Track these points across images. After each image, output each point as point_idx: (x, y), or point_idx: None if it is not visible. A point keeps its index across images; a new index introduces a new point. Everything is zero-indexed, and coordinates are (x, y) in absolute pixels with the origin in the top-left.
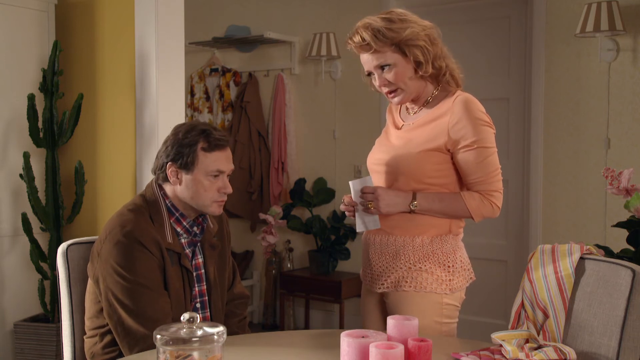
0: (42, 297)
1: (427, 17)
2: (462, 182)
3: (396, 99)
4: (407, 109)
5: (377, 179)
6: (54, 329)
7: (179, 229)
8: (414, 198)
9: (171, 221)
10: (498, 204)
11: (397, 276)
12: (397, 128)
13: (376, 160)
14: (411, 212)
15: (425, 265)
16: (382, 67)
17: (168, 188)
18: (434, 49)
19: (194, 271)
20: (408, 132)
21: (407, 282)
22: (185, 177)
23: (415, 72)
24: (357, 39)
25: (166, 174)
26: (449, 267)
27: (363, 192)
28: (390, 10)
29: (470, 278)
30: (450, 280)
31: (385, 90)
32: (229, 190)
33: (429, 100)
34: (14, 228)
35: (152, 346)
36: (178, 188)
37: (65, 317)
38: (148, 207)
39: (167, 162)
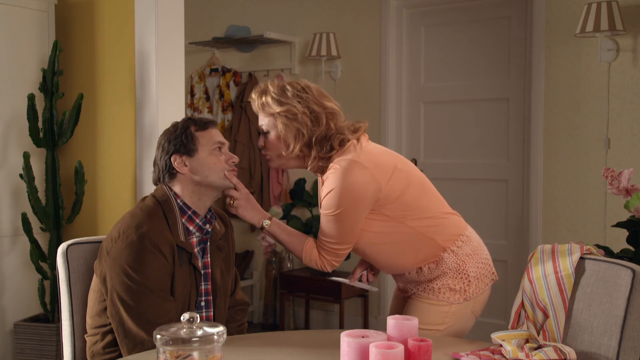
0: (42, 297)
1: (427, 17)
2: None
3: (270, 164)
4: None
5: None
6: (54, 329)
7: (191, 227)
8: (270, 218)
9: (183, 220)
10: (325, 263)
11: (416, 293)
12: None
13: None
14: (262, 228)
15: (437, 285)
16: (263, 130)
17: (177, 187)
18: (313, 132)
19: (202, 270)
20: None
21: (424, 293)
22: (191, 161)
23: (287, 149)
24: (251, 97)
25: (173, 167)
26: (462, 278)
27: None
28: (298, 82)
29: (491, 280)
30: (465, 290)
31: (262, 151)
32: (236, 159)
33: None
34: (14, 228)
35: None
36: (190, 177)
37: (65, 317)
38: (161, 206)
39: (170, 157)
